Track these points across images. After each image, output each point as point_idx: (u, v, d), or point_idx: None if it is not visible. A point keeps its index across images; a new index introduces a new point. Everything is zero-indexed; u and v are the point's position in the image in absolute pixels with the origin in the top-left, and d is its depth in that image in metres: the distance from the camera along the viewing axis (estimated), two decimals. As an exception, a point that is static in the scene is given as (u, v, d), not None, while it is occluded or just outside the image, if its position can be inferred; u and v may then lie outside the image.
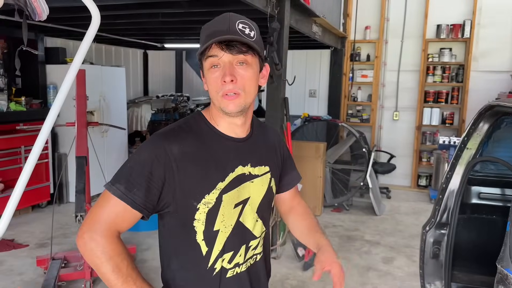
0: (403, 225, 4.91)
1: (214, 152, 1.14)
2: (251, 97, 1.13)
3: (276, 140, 1.36)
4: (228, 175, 1.14)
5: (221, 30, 1.05)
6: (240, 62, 1.08)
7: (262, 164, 1.24)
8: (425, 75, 6.33)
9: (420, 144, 6.49)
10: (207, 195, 1.11)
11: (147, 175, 1.05)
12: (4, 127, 4.55)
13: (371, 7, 6.51)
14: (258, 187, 1.23)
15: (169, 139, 1.10)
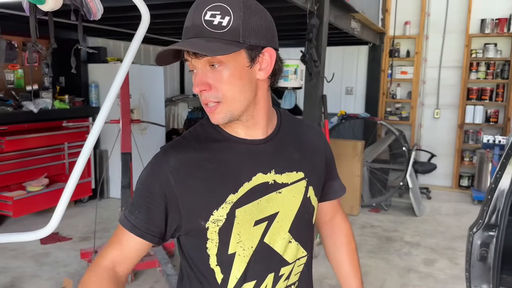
0: (444, 226, 4.77)
1: (224, 159, 0.95)
2: (238, 102, 0.90)
3: (317, 139, 1.12)
4: (243, 185, 0.94)
5: (187, 27, 0.87)
6: (211, 65, 0.88)
7: (293, 170, 1.01)
8: (468, 72, 6.11)
9: (462, 143, 6.28)
10: (215, 210, 0.92)
11: (147, 195, 0.93)
12: (49, 124, 4.72)
13: (411, 2, 6.34)
14: (289, 198, 0.99)
15: (167, 151, 0.95)
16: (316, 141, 1.12)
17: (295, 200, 1.01)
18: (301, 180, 1.02)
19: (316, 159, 1.09)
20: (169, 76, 7.38)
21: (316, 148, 1.10)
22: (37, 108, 4.46)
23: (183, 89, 7.72)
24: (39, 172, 4.69)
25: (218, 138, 0.97)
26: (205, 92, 0.89)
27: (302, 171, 1.03)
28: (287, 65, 3.86)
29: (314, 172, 1.06)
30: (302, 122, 1.14)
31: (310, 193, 1.04)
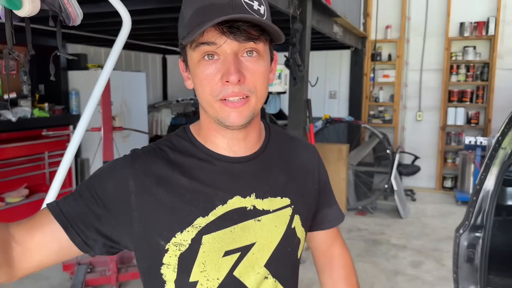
0: (430, 228, 4.80)
1: (198, 176, 0.82)
2: (262, 101, 0.81)
3: (310, 159, 0.98)
4: (215, 208, 0.81)
5: (220, 4, 0.72)
6: (249, 52, 0.75)
7: (277, 195, 0.87)
8: (448, 74, 6.20)
9: (444, 144, 6.36)
10: (178, 233, 0.79)
11: (94, 190, 0.79)
12: (28, 133, 4.60)
13: (391, 6, 6.42)
14: (269, 228, 0.85)
15: (137, 155, 0.83)
16: (309, 161, 0.98)
17: (277, 230, 0.87)
18: (285, 208, 0.88)
19: (307, 183, 0.95)
20: (152, 82, 7.31)
21: (307, 170, 0.96)
22: (15, 117, 4.34)
23: (166, 95, 7.65)
24: (19, 182, 4.56)
25: (195, 153, 0.85)
26: (239, 83, 0.75)
27: (288, 197, 0.89)
28: (271, 69, 3.85)
29: (302, 199, 0.92)
30: (293, 139, 0.99)
31: (296, 223, 0.90)
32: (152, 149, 0.85)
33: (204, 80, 0.76)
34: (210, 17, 0.70)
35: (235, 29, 0.72)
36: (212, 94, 0.76)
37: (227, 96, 0.75)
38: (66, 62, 5.22)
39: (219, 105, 0.77)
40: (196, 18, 0.73)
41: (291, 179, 0.92)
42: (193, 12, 0.73)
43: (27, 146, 4.54)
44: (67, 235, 0.77)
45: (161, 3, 3.39)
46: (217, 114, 0.78)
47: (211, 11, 0.71)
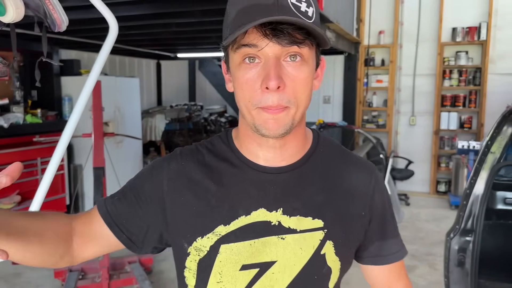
0: (423, 232, 4.81)
1: (226, 183, 0.80)
2: (304, 110, 0.75)
3: (363, 181, 0.86)
4: (238, 218, 0.78)
5: (264, 4, 0.68)
6: (292, 57, 0.71)
7: (308, 214, 0.79)
8: (441, 79, 6.23)
9: (438, 149, 6.38)
10: (199, 237, 0.78)
11: (135, 189, 0.83)
12: (20, 139, 4.58)
13: (384, 11, 6.46)
14: (293, 249, 0.79)
15: (175, 156, 0.85)
16: (360, 183, 0.86)
17: (301, 253, 0.79)
18: (316, 230, 0.79)
19: (352, 208, 0.84)
20: (146, 88, 7.31)
21: (356, 193, 0.85)
22: (7, 123, 4.33)
23: (160, 101, 7.65)
24: (11, 189, 4.53)
25: (229, 158, 0.82)
26: (278, 90, 0.70)
27: (322, 219, 0.80)
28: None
29: (341, 224, 0.82)
30: (346, 155, 0.89)
31: (327, 250, 0.80)
32: (191, 150, 0.85)
33: (245, 85, 0.72)
34: (253, 18, 0.67)
35: (279, 31, 0.68)
36: (251, 101, 0.72)
37: (266, 106, 0.71)
38: (59, 67, 5.21)
39: (257, 112, 0.73)
40: (239, 19, 0.69)
41: (331, 200, 0.82)
42: (237, 13, 0.70)
43: (19, 152, 4.51)
44: (107, 227, 0.82)
45: (153, 9, 3.40)
46: (254, 121, 0.74)
47: (255, 12, 0.68)
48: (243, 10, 0.70)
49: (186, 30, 4.50)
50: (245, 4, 0.70)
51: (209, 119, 6.97)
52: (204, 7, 3.43)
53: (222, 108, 7.88)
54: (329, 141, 0.89)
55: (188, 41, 5.70)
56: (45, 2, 1.32)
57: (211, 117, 7.09)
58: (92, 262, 3.60)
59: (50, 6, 1.34)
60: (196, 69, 8.17)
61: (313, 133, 0.88)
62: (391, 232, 0.91)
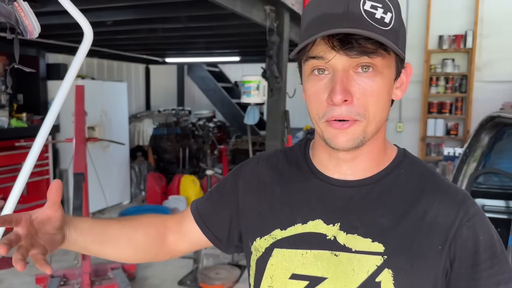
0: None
1: (291, 189, 0.81)
2: (375, 123, 0.70)
3: (447, 212, 0.72)
4: (294, 225, 0.77)
5: (334, 14, 0.65)
6: (364, 68, 0.67)
7: (368, 236, 0.72)
8: (428, 86, 6.29)
9: (425, 155, 6.42)
10: (258, 238, 0.80)
11: (221, 188, 0.92)
12: (5, 143, 4.55)
13: (372, 19, 6.51)
14: (345, 268, 0.72)
15: (254, 159, 0.91)
16: (444, 214, 0.72)
17: (353, 275, 0.72)
18: (374, 255, 0.71)
19: (425, 239, 0.72)
20: (135, 92, 7.29)
21: (435, 223, 0.72)
22: (-9, 127, 4.29)
23: (149, 105, 7.63)
24: (-6, 193, 4.49)
25: (300, 165, 0.83)
26: (345, 104, 0.67)
27: (383, 244, 0.72)
28: (250, 81, 3.86)
29: (406, 255, 0.71)
30: (434, 180, 0.77)
31: (384, 278, 0.71)
32: (269, 155, 0.90)
33: (311, 97, 0.71)
34: (321, 29, 0.65)
35: (347, 43, 0.65)
36: (318, 114, 0.71)
37: (332, 118, 0.68)
38: (45, 72, 5.19)
39: (325, 125, 0.70)
40: (309, 29, 0.68)
41: (399, 225, 0.72)
42: (308, 23, 0.69)
43: (3, 157, 4.48)
44: (196, 224, 0.90)
45: (138, 14, 3.40)
46: (323, 134, 0.72)
47: (323, 23, 0.66)
48: (314, 20, 0.68)
49: (174, 36, 4.50)
50: (316, 14, 0.68)
51: (197, 124, 6.96)
52: (190, 13, 3.44)
53: (211, 113, 7.88)
54: (417, 162, 0.80)
55: (176, 46, 5.70)
56: (17, 9, 1.32)
57: (199, 122, 7.08)
58: (74, 268, 3.57)
59: (22, 13, 1.34)
60: (185, 74, 8.16)
61: (398, 150, 0.82)
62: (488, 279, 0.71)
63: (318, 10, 0.68)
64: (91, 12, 3.18)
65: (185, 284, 3.51)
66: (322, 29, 0.65)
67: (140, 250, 0.90)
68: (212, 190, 0.93)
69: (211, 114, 7.88)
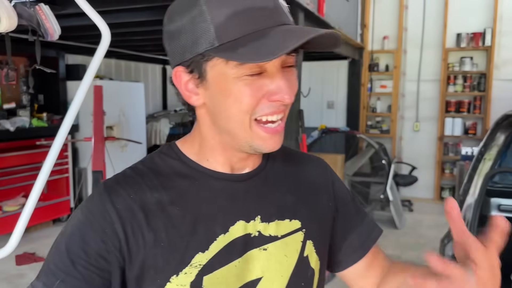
0: (425, 238, 4.79)
1: (192, 201, 0.68)
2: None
3: (321, 174, 0.83)
4: (216, 239, 0.67)
5: (266, 9, 0.60)
6: (290, 66, 0.65)
7: (285, 217, 0.73)
8: (446, 85, 6.22)
9: (442, 155, 6.35)
10: (174, 277, 0.64)
11: (79, 255, 0.63)
12: (26, 142, 4.67)
13: (388, 17, 6.47)
14: (277, 258, 0.71)
15: (112, 189, 0.66)
16: (319, 177, 0.82)
17: (287, 260, 0.71)
18: (296, 232, 0.73)
19: (320, 202, 0.80)
20: (151, 92, 7.38)
21: (319, 187, 0.81)
22: (13, 127, 4.41)
23: (165, 105, 7.72)
24: (16, 191, 4.63)
25: (186, 173, 0.70)
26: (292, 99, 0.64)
27: (298, 219, 0.74)
28: (264, 80, 3.89)
29: (316, 222, 0.77)
30: (297, 155, 0.85)
31: (309, 251, 0.74)
32: (131, 177, 0.69)
33: (246, 97, 0.62)
34: (262, 26, 0.59)
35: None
36: (250, 112, 0.63)
37: (269, 112, 0.63)
38: (65, 72, 5.30)
39: (255, 128, 0.64)
40: (237, 26, 0.58)
41: (301, 197, 0.77)
42: (230, 17, 0.58)
43: (25, 156, 4.60)
44: None
45: (154, 15, 3.45)
46: (250, 140, 0.65)
47: (260, 18, 0.59)
48: (239, 14, 0.58)
49: (189, 36, 4.55)
50: (239, 7, 0.58)
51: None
52: (205, 14, 3.48)
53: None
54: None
55: (193, 47, 5.75)
56: (38, 12, 1.37)
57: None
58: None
59: (43, 16, 1.39)
60: (202, 74, 8.24)
61: None
62: (362, 212, 0.87)
63: (242, 2, 0.59)
64: (109, 14, 3.25)
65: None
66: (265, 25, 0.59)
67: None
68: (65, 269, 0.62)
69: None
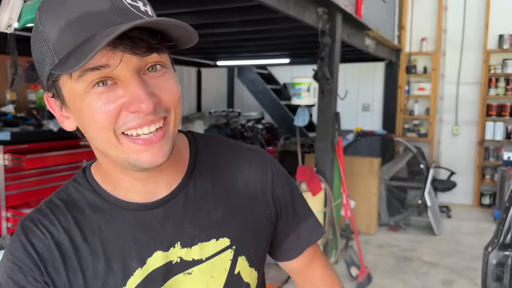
0: (464, 246, 4.64)
1: (107, 237, 0.65)
2: (179, 121, 0.64)
3: (258, 172, 0.76)
4: (133, 274, 0.65)
5: (101, 13, 0.54)
6: (151, 68, 0.59)
7: (211, 237, 0.69)
8: (487, 88, 6.01)
9: (482, 160, 6.14)
10: None
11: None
12: (68, 142, 4.84)
13: (427, 18, 6.32)
14: (203, 281, 0.69)
15: (29, 230, 0.65)
16: (258, 180, 0.75)
17: (215, 281, 0.69)
18: (223, 251, 0.70)
19: (256, 209, 0.75)
20: (187, 95, 7.51)
21: (256, 193, 0.75)
22: (57, 127, 4.58)
23: (200, 107, 7.83)
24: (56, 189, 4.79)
25: (98, 205, 0.67)
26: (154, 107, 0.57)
27: (227, 236, 0.70)
28: (300, 83, 3.88)
29: (249, 233, 0.73)
30: (235, 152, 0.77)
31: (241, 267, 0.71)
32: (45, 214, 0.66)
33: (98, 112, 0.57)
34: (94, 30, 0.53)
35: (130, 40, 0.54)
36: (111, 128, 0.58)
37: (135, 126, 0.58)
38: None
39: (125, 143, 0.59)
40: (71, 36, 0.54)
41: (232, 210, 0.72)
42: (63, 29, 0.54)
43: (66, 155, 4.77)
44: None
45: (195, 20, 3.51)
46: (125, 156, 0.60)
47: (92, 23, 0.54)
48: (73, 23, 0.54)
49: (226, 40, 4.60)
50: (71, 16, 0.54)
51: (246, 125, 7.06)
52: (243, 18, 3.51)
53: (260, 115, 7.96)
54: (210, 141, 0.76)
55: (228, 50, 5.82)
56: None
57: (248, 124, 7.18)
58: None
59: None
60: (235, 76, 8.30)
61: (188, 139, 0.75)
62: (304, 213, 0.82)
63: (75, 10, 0.54)
64: (149, 18, 3.33)
65: (235, 282, 3.59)
66: (98, 30, 0.53)
67: None
68: None
69: (260, 115, 7.96)
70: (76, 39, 0.54)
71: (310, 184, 3.61)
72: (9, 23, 1.36)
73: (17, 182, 4.34)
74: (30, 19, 1.37)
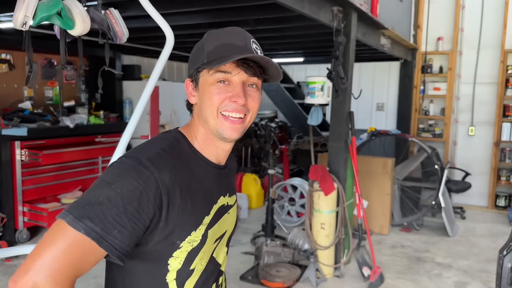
0: (478, 248, 4.59)
1: (201, 181, 0.99)
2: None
3: (235, 166, 1.23)
4: (213, 207, 1.01)
5: (238, 46, 0.95)
6: (250, 84, 0.98)
7: (233, 193, 1.14)
8: (504, 88, 5.92)
9: (498, 161, 6.06)
10: (193, 231, 0.95)
11: (134, 214, 0.84)
12: (84, 139, 4.90)
13: (443, 17, 6.25)
14: (231, 217, 1.12)
15: (158, 166, 0.89)
16: (235, 167, 1.21)
17: (233, 219, 1.14)
18: (235, 203, 1.16)
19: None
20: (201, 93, 7.55)
21: (235, 174, 1.21)
22: (73, 123, 4.65)
23: (214, 105, 7.87)
24: (74, 185, 4.86)
25: (195, 158, 1.00)
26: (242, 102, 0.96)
27: (235, 194, 1.17)
28: (314, 82, 3.88)
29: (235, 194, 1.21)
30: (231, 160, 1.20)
31: (233, 211, 1.15)
32: (161, 155, 0.92)
33: (215, 95, 0.96)
34: (232, 53, 0.94)
35: (247, 65, 0.95)
36: (217, 106, 0.96)
37: (230, 110, 0.96)
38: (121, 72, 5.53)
39: (220, 118, 0.97)
40: (217, 52, 0.95)
41: (233, 180, 1.20)
42: (215, 47, 0.95)
43: (82, 151, 4.83)
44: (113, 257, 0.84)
45: (208, 18, 3.54)
46: (216, 126, 0.97)
47: (232, 49, 0.95)
48: (221, 46, 0.95)
49: (240, 37, 4.61)
50: (221, 42, 0.96)
51: (259, 123, 7.06)
52: (258, 16, 3.52)
53: (273, 113, 7.95)
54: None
55: (242, 48, 5.82)
56: (109, 16, 1.45)
57: (261, 122, 7.18)
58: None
59: (113, 20, 1.47)
60: (250, 74, 8.31)
61: None
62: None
63: (224, 40, 0.96)
64: (165, 17, 3.36)
65: (247, 279, 3.60)
66: (233, 54, 0.93)
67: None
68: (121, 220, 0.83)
69: (273, 114, 7.96)
70: (220, 53, 0.95)
71: (322, 184, 3.61)
72: (24, 20, 1.41)
73: (33, 177, 4.42)
74: (45, 17, 1.40)
